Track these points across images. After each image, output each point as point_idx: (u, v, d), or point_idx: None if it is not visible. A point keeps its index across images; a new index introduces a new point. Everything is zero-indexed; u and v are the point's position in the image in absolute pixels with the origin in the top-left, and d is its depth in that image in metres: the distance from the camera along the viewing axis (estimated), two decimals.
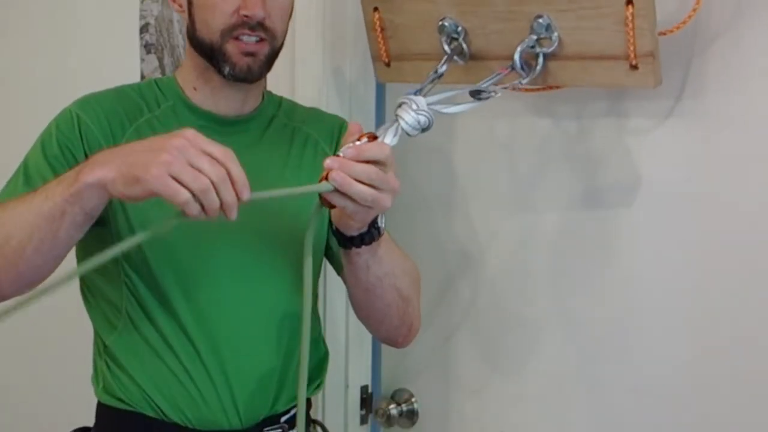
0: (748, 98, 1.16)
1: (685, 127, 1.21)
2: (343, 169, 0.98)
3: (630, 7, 1.07)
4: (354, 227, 1.09)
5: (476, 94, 1.14)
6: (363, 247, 1.12)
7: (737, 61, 1.16)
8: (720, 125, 1.18)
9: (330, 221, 1.13)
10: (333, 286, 1.52)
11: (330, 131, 1.31)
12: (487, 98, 1.13)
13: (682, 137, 1.22)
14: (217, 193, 0.93)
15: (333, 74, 1.53)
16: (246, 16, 1.15)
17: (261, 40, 1.17)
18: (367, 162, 1.00)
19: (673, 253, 1.24)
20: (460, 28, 1.23)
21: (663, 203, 1.24)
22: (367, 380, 1.60)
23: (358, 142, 1.01)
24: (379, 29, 1.34)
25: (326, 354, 1.33)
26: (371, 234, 1.11)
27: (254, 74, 1.18)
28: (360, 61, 1.51)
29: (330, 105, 1.50)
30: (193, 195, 0.93)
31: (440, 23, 1.24)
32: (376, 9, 1.33)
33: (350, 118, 1.50)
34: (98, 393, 1.24)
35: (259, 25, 1.16)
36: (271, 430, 1.23)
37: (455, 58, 1.24)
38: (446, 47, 1.23)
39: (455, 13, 1.23)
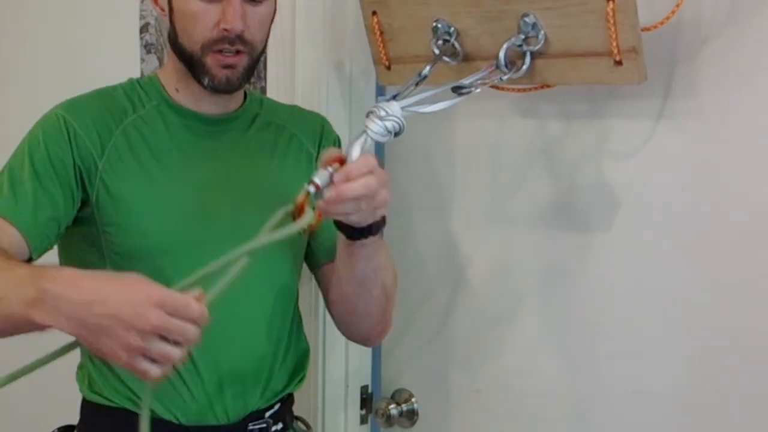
0: (735, 96, 1.15)
1: (672, 126, 1.21)
2: (335, 207, 1.04)
3: (611, 2, 1.08)
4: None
5: (457, 90, 1.16)
6: (370, 237, 1.13)
7: (724, 59, 1.15)
8: (708, 124, 1.18)
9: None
10: None
11: (313, 131, 1.33)
12: (468, 93, 1.15)
13: (669, 136, 1.21)
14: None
15: (333, 74, 1.53)
16: (225, 30, 1.15)
17: (239, 52, 1.17)
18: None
19: (662, 253, 1.24)
20: (452, 29, 1.24)
21: (651, 203, 1.24)
22: (367, 380, 1.60)
23: (330, 169, 1.03)
24: (378, 33, 1.36)
25: (307, 349, 1.33)
26: (378, 223, 1.11)
27: (233, 86, 1.19)
28: (360, 60, 1.51)
29: (330, 105, 1.50)
30: None
31: (434, 25, 1.25)
32: (374, 13, 1.35)
33: (350, 118, 1.51)
34: (84, 391, 1.24)
35: (238, 38, 1.16)
36: (256, 425, 1.23)
37: (446, 58, 1.25)
38: (435, 49, 1.25)
39: (447, 14, 1.24)
